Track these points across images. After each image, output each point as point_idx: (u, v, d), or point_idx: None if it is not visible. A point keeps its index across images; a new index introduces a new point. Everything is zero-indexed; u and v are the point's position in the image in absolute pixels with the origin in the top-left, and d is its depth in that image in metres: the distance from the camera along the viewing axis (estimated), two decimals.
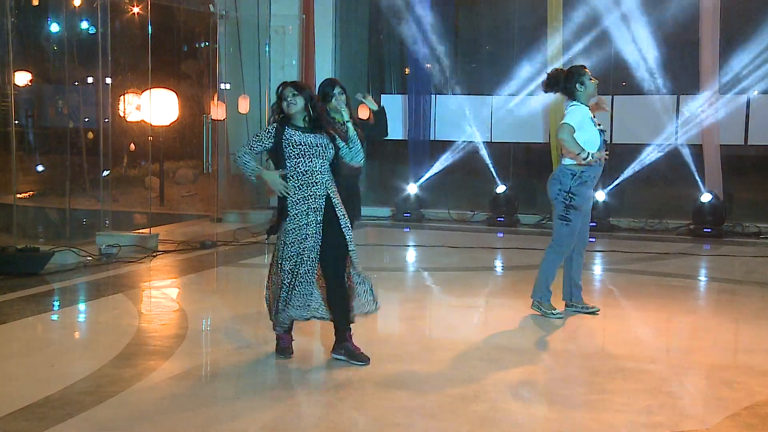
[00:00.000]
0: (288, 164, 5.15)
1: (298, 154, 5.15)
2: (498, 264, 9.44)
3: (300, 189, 5.16)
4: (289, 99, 5.19)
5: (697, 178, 11.26)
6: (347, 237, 5.17)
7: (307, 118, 5.23)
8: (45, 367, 5.08)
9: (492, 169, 12.23)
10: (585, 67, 6.32)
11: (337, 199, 5.21)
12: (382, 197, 13.00)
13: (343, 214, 5.21)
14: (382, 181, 13.68)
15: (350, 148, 5.31)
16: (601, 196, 11.25)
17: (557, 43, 11.55)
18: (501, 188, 12.03)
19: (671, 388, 4.89)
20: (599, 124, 6.28)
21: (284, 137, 5.17)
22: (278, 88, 5.31)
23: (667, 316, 6.71)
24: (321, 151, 5.18)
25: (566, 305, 6.63)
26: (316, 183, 5.16)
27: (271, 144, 5.18)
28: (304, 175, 5.15)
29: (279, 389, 4.84)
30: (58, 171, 12.30)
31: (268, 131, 5.22)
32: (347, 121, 5.44)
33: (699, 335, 6.31)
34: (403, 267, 9.32)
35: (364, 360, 5.17)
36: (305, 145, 5.16)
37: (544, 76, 6.51)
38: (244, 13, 12.91)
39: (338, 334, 5.27)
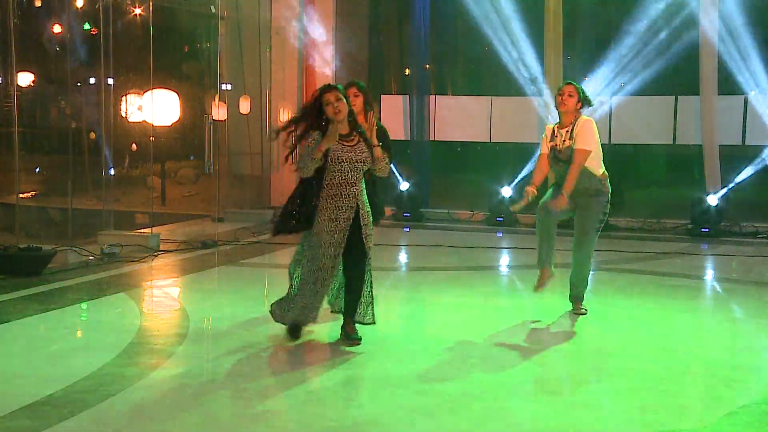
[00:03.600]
0: (326, 176, 5.33)
1: (338, 169, 5.31)
2: (497, 264, 9.47)
3: (332, 198, 5.32)
4: (334, 104, 5.27)
5: (695, 178, 11.30)
6: (365, 248, 5.41)
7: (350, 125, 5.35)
8: (47, 366, 5.12)
9: (490, 170, 12.27)
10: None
11: (363, 210, 5.41)
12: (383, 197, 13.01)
13: (366, 224, 5.42)
14: (381, 181, 13.70)
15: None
16: None
17: (556, 44, 11.59)
18: (506, 190, 11.98)
19: (669, 387, 4.92)
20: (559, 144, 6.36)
21: (330, 151, 5.28)
22: (318, 91, 5.37)
23: (664, 315, 6.74)
24: (360, 166, 5.35)
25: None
26: (348, 195, 5.33)
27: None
28: (338, 186, 5.32)
29: (279, 388, 4.87)
30: (60, 171, 12.34)
31: (315, 140, 5.30)
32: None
33: (697, 334, 6.35)
34: (402, 266, 9.35)
35: (352, 341, 5.49)
36: (347, 161, 5.30)
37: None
38: (245, 14, 12.95)
39: (344, 319, 5.61)
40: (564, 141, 6.30)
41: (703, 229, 10.92)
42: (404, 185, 12.43)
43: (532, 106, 12.11)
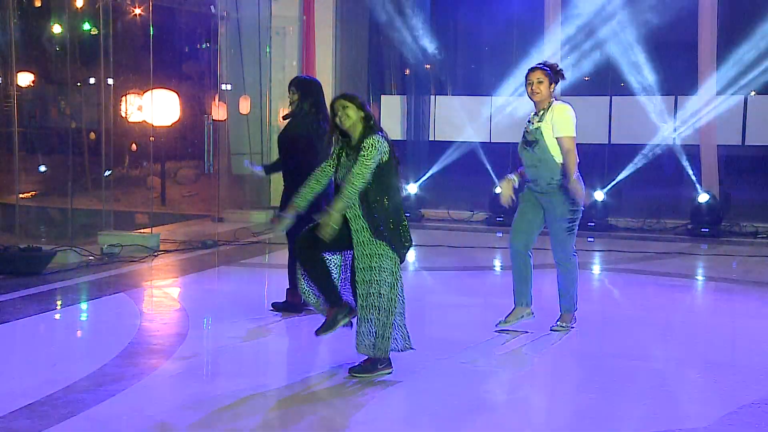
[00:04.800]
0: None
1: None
2: (497, 264, 9.47)
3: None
4: (339, 113, 4.97)
5: (695, 178, 11.31)
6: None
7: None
8: (47, 366, 5.12)
9: (491, 170, 12.27)
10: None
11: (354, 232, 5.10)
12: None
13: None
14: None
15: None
16: (599, 195, 11.29)
17: (555, 44, 11.60)
18: (498, 189, 12.03)
19: (670, 387, 4.93)
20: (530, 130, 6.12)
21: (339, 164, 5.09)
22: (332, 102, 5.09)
23: (665, 315, 6.74)
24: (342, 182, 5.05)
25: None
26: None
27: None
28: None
29: (279, 389, 4.87)
30: (60, 171, 12.34)
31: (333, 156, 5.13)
32: None
33: (697, 334, 6.35)
34: (402, 267, 9.34)
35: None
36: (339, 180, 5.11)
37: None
38: (245, 14, 12.94)
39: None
40: (533, 123, 6.02)
41: (703, 229, 10.92)
42: (412, 188, 12.41)
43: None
